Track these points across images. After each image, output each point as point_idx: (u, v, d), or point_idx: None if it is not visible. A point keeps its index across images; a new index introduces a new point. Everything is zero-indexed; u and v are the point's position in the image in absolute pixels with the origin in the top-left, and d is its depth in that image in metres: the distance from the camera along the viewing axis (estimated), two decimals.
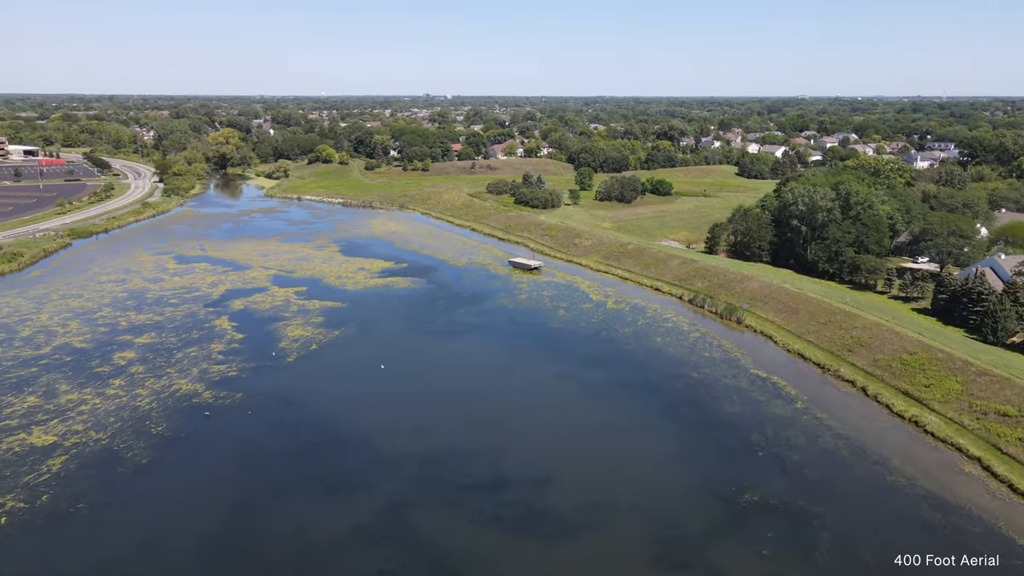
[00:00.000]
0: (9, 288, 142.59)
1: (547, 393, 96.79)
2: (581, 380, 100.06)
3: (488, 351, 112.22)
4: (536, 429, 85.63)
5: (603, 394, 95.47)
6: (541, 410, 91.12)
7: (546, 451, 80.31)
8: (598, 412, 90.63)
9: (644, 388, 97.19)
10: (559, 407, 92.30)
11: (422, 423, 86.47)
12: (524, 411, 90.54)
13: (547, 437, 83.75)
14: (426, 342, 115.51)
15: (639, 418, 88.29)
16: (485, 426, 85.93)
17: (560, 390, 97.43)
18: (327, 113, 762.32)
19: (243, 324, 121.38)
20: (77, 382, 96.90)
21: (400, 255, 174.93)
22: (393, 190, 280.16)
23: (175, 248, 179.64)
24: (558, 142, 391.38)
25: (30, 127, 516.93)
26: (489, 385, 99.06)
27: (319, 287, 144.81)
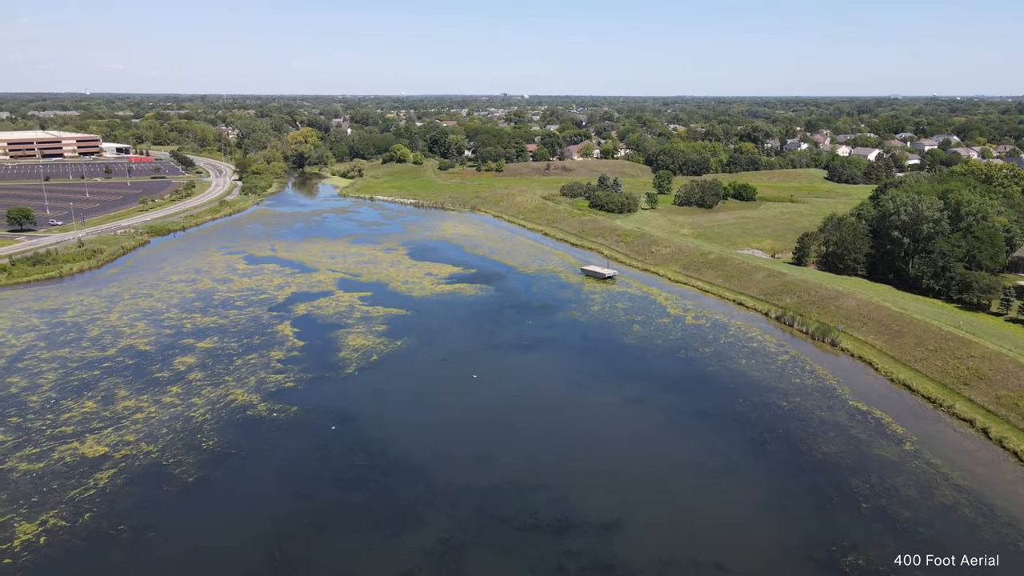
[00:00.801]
0: (85, 286, 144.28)
1: (619, 421, 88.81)
2: (657, 407, 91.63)
3: (556, 370, 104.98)
4: (606, 464, 77.87)
5: (682, 424, 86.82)
6: (612, 442, 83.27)
7: (616, 491, 72.54)
8: (676, 446, 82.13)
9: (728, 419, 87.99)
10: (632, 439, 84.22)
11: (481, 451, 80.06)
12: (593, 442, 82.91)
13: (618, 474, 75.90)
14: (490, 357, 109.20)
15: (722, 455, 79.35)
16: (550, 458, 78.81)
17: (634, 418, 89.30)
18: (404, 112, 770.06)
19: (305, 330, 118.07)
20: (136, 387, 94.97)
21: (469, 260, 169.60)
22: (465, 191, 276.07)
23: (246, 248, 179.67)
24: (636, 143, 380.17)
25: (124, 125, 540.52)
26: (556, 410, 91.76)
27: (384, 292, 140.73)
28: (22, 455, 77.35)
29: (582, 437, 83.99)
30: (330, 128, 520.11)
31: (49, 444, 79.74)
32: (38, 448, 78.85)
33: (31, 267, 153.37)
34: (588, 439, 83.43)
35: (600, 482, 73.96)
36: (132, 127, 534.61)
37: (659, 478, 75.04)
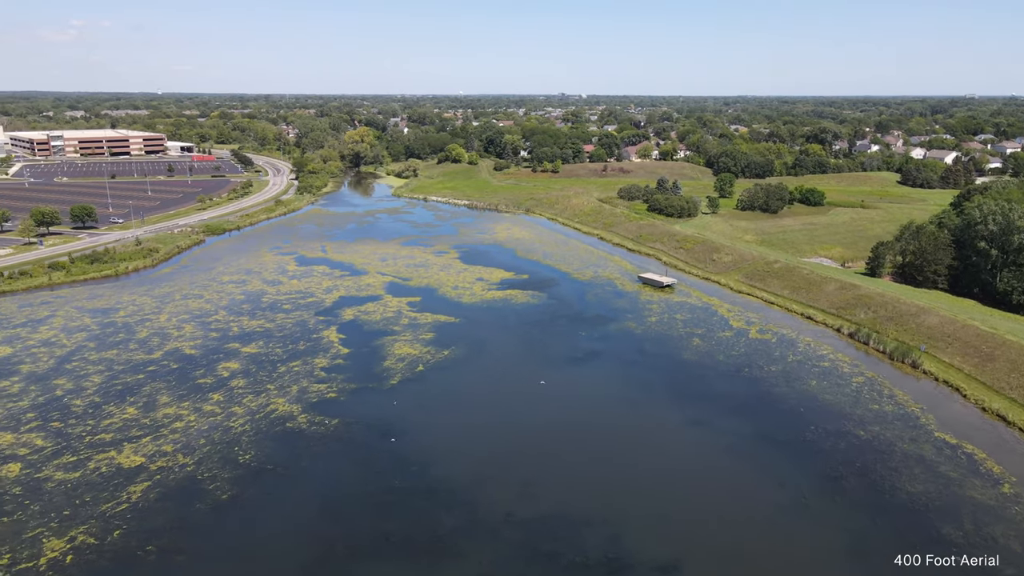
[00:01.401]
0: (139, 285, 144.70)
1: (678, 447, 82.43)
2: (719, 431, 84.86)
3: (610, 386, 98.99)
4: (663, 495, 71.78)
5: (747, 452, 79.92)
6: (670, 470, 77.04)
7: (674, 526, 66.44)
8: (740, 477, 75.37)
9: (798, 447, 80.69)
10: (692, 467, 77.79)
11: (528, 475, 74.88)
12: (649, 469, 76.83)
13: (676, 507, 69.74)
14: (541, 370, 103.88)
15: (792, 490, 72.29)
16: (602, 486, 73.11)
17: (693, 443, 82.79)
18: (461, 112, 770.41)
19: (351, 337, 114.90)
20: (178, 394, 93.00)
21: (521, 265, 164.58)
22: (520, 192, 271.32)
23: (298, 248, 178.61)
24: (696, 144, 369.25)
25: (190, 124, 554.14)
26: (609, 431, 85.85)
27: (433, 298, 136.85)
28: (60, 463, 75.65)
29: (637, 463, 77.96)
30: (387, 127, 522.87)
31: (87, 452, 77.92)
32: (76, 456, 77.08)
33: (89, 265, 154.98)
34: (643, 466, 77.35)
35: (656, 516, 67.91)
36: (197, 126, 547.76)
37: (722, 513, 68.52)
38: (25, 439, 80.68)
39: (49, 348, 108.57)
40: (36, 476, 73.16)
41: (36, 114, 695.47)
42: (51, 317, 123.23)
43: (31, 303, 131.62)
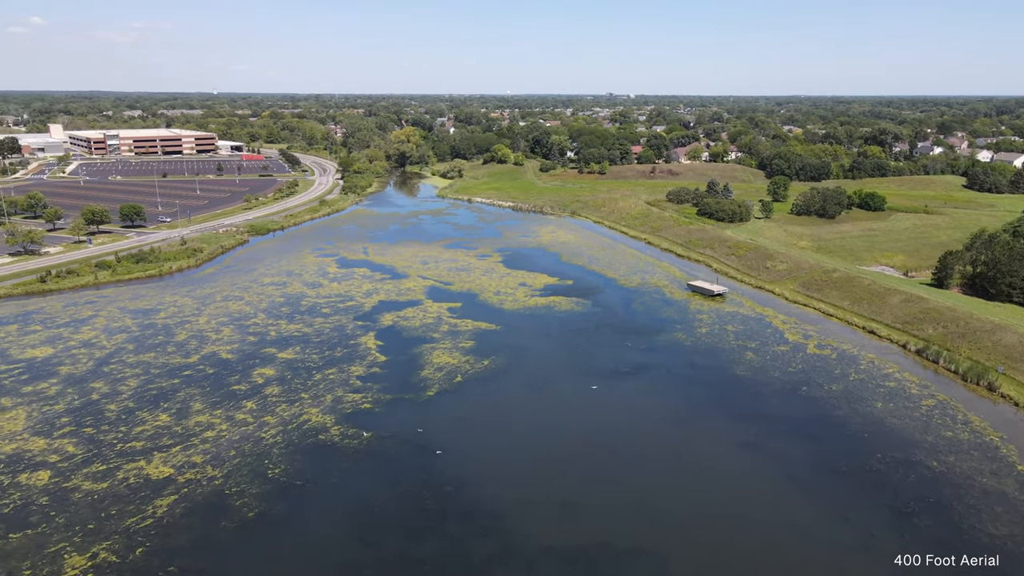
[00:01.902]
0: (181, 285, 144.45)
1: (730, 472, 76.80)
2: (775, 457, 79.02)
3: (658, 402, 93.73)
4: (714, 527, 66.47)
5: (806, 482, 73.96)
6: (722, 499, 71.57)
7: (726, 563, 61.11)
8: (799, 510, 69.53)
9: (862, 478, 74.38)
10: (745, 496, 72.16)
11: (569, 498, 70.36)
12: (700, 498, 71.55)
13: (728, 540, 64.37)
14: (584, 384, 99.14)
15: (857, 526, 66.21)
16: (648, 513, 68.15)
17: (747, 469, 77.09)
18: (508, 112, 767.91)
19: (388, 344, 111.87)
20: (211, 401, 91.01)
21: (566, 270, 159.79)
22: (566, 194, 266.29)
23: (340, 250, 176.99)
24: (748, 146, 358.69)
25: (241, 124, 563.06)
26: (656, 453, 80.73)
27: (474, 304, 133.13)
28: (88, 472, 73.96)
29: (686, 490, 72.77)
30: (433, 127, 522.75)
31: (117, 461, 76.13)
32: (105, 465, 75.33)
33: (134, 264, 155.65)
34: (693, 493, 72.11)
35: (706, 549, 62.74)
36: (248, 125, 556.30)
37: (777, 550, 62.95)
38: (57, 445, 79.39)
39: (89, 350, 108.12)
40: (64, 486, 71.51)
41: (96, 113, 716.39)
42: (94, 317, 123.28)
43: (76, 302, 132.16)
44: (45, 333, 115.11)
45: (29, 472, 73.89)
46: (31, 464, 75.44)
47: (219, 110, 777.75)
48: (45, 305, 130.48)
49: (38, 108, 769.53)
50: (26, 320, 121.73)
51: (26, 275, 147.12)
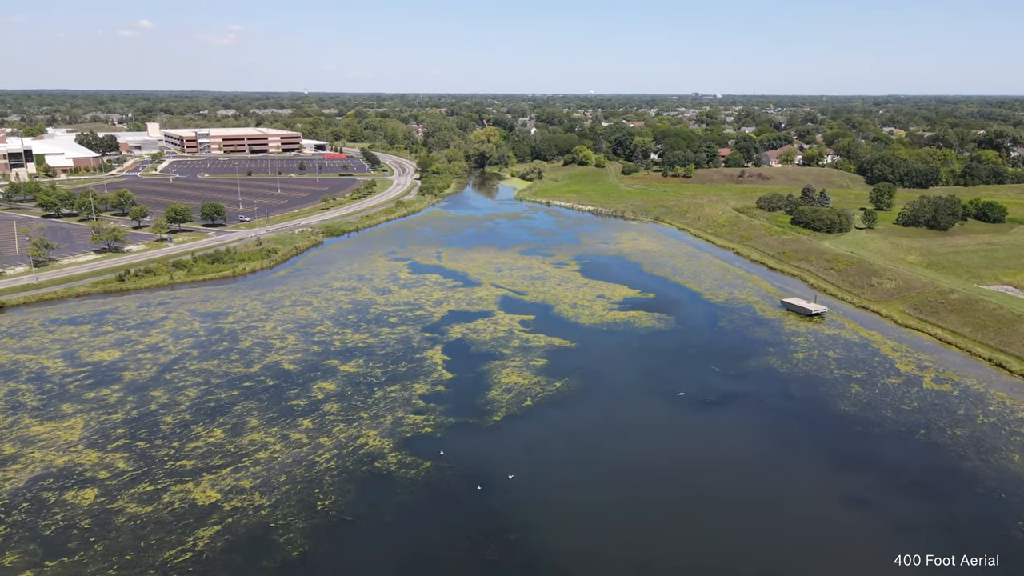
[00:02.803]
0: (252, 288, 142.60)
1: (838, 535, 66.22)
2: (891, 519, 67.90)
3: (748, 441, 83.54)
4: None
5: (933, 555, 62.65)
6: (824, 566, 61.28)
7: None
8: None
9: (1003, 554, 62.44)
10: (855, 568, 61.58)
11: (646, 556, 61.79)
12: (797, 562, 61.49)
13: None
14: (664, 413, 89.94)
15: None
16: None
17: (859, 532, 66.33)
18: (591, 112, 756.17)
19: (456, 359, 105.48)
20: (268, 416, 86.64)
21: (647, 282, 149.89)
22: (649, 199, 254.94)
23: (413, 254, 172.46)
24: (846, 149, 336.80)
25: (326, 123, 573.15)
26: (749, 503, 70.92)
27: (548, 317, 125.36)
28: (135, 493, 70.24)
29: (782, 551, 62.87)
30: (514, 127, 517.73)
31: (165, 481, 72.22)
32: (153, 485, 71.50)
33: (209, 264, 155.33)
34: (793, 559, 62.13)
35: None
36: (333, 124, 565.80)
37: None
38: (108, 460, 76.31)
39: (155, 354, 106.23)
40: (109, 507, 67.90)
41: (194, 112, 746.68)
42: (164, 319, 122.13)
43: (150, 303, 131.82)
44: (116, 335, 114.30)
45: (77, 489, 70.80)
46: (80, 480, 72.42)
47: (307, 109, 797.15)
48: (120, 305, 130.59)
49: (141, 107, 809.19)
50: (100, 320, 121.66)
51: (107, 273, 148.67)
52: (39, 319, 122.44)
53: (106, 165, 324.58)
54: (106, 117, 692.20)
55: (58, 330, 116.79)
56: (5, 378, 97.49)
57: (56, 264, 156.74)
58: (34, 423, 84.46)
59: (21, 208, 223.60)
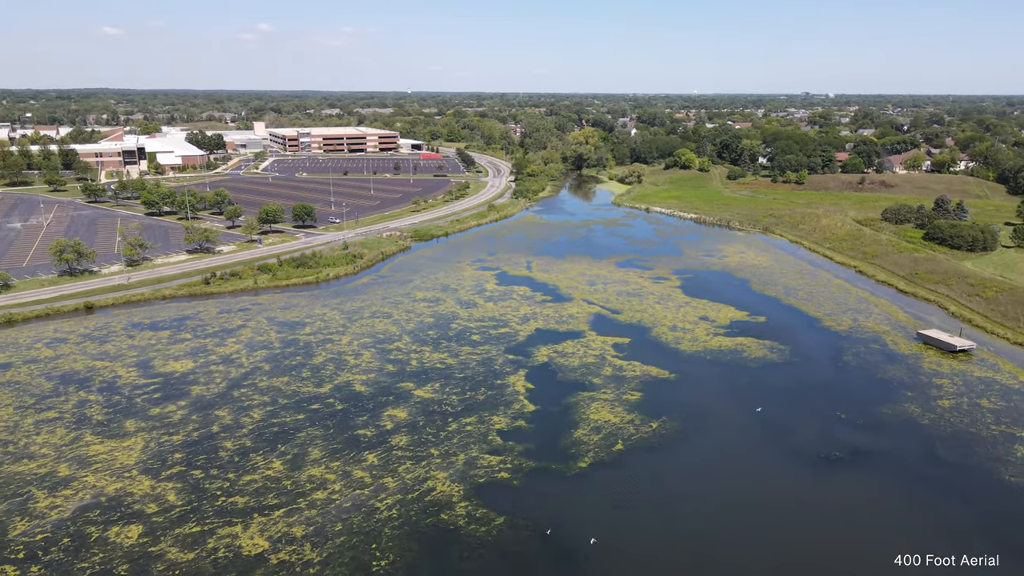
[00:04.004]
0: (333, 296, 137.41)
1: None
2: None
3: (889, 518, 69.07)
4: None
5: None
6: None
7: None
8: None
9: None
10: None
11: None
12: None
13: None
14: (779, 470, 76.61)
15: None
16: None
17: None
18: (694, 112, 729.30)
19: (540, 388, 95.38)
20: (331, 447, 79.25)
21: (756, 303, 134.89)
22: (757, 207, 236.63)
23: (501, 263, 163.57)
24: (983, 155, 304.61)
25: (425, 122, 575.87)
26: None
27: (645, 341, 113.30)
28: (180, 534, 63.86)
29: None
30: (614, 128, 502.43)
31: (213, 522, 65.59)
32: (200, 526, 64.99)
33: (294, 269, 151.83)
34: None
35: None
36: (432, 123, 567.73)
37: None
38: (160, 490, 70.63)
39: (226, 367, 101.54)
40: (150, 550, 61.70)
41: (300, 112, 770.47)
42: (242, 328, 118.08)
43: (231, 308, 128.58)
44: (192, 343, 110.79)
45: (121, 525, 65.14)
46: (127, 514, 66.82)
47: (408, 108, 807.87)
48: (202, 310, 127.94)
49: (254, 106, 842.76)
50: (180, 326, 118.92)
51: (195, 275, 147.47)
52: (123, 322, 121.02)
53: (212, 163, 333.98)
54: (220, 116, 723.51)
55: (138, 335, 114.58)
56: (79, 387, 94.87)
57: (149, 264, 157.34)
58: (95, 441, 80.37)
59: (127, 205, 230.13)
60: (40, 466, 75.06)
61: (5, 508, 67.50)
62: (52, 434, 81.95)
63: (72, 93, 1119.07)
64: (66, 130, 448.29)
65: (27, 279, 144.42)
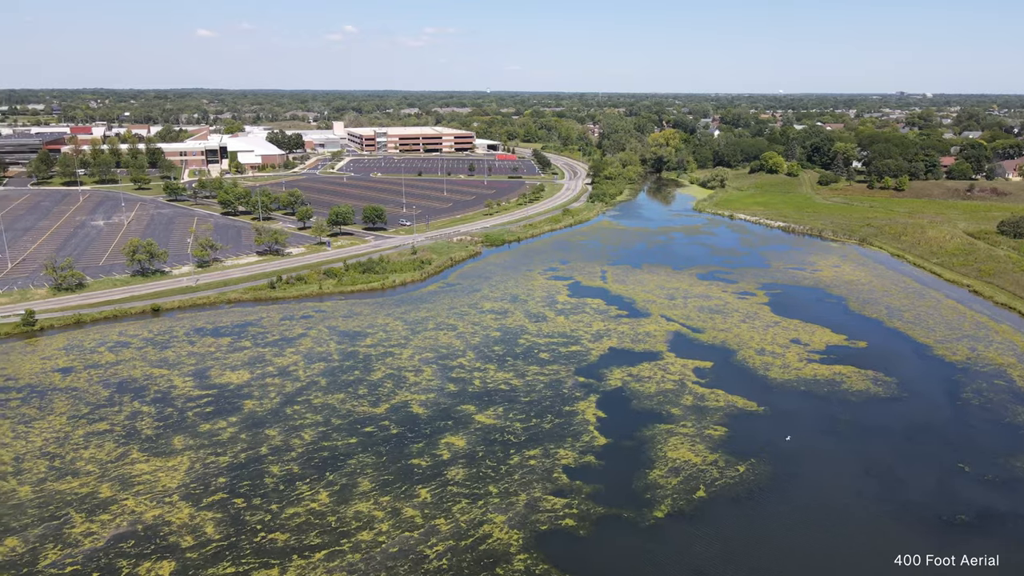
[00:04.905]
0: (398, 304, 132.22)
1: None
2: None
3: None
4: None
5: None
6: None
7: None
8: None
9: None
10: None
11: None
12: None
13: None
14: (895, 537, 65.49)
15: None
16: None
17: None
18: (780, 113, 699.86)
19: (612, 418, 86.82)
20: (382, 479, 73.01)
21: (856, 325, 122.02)
22: (852, 215, 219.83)
23: (575, 272, 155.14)
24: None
25: (501, 123, 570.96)
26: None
27: (729, 366, 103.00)
28: (213, 575, 58.58)
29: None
30: (696, 129, 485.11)
31: (249, 562, 60.14)
32: (235, 566, 59.65)
33: (360, 274, 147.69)
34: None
35: None
36: (509, 123, 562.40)
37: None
38: (199, 521, 65.81)
39: (282, 380, 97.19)
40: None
41: (380, 111, 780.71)
42: (302, 336, 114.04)
43: (293, 315, 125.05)
44: (251, 352, 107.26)
45: (154, 560, 60.47)
46: (161, 547, 62.15)
47: (486, 108, 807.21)
48: (265, 316, 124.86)
49: (336, 106, 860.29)
50: (241, 333, 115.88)
51: (261, 278, 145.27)
52: (186, 327, 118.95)
53: (290, 163, 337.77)
54: (303, 116, 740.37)
55: (199, 341, 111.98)
56: (134, 396, 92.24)
57: (219, 265, 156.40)
58: (141, 459, 76.69)
59: (205, 204, 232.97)
60: (83, 485, 71.68)
61: (40, 532, 63.99)
62: (100, 448, 78.86)
63: (169, 93, 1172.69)
64: (156, 129, 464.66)
65: (101, 278, 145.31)
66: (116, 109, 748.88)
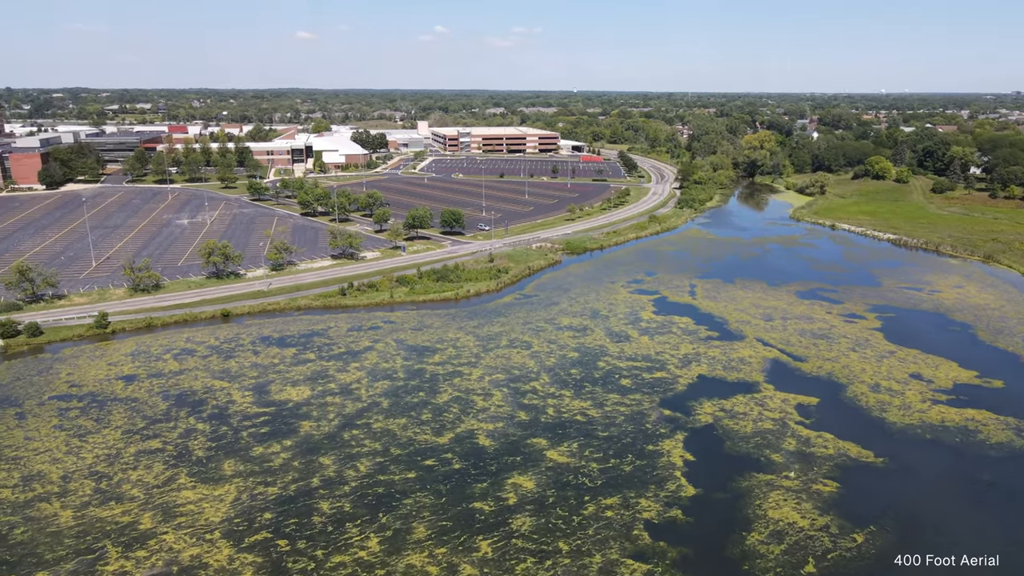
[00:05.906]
0: (470, 317, 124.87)
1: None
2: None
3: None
4: None
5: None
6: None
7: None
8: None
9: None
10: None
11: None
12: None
13: None
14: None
15: None
16: None
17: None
18: (884, 114, 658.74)
19: (702, 460, 76.41)
20: (439, 526, 65.23)
21: (988, 358, 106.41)
22: (974, 228, 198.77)
23: (660, 285, 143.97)
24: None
25: (587, 123, 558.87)
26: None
27: (838, 404, 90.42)
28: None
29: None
30: (792, 131, 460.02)
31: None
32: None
33: (433, 282, 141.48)
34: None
35: None
36: (595, 124, 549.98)
37: None
38: (236, 565, 59.80)
39: (343, 399, 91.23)
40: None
41: (466, 111, 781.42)
42: (369, 350, 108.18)
43: (361, 326, 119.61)
44: (314, 366, 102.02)
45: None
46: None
47: (572, 108, 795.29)
48: (333, 325, 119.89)
49: (424, 105, 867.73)
50: (307, 343, 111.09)
51: (333, 283, 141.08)
52: (253, 335, 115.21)
53: (372, 162, 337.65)
54: (390, 115, 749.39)
55: (264, 352, 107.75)
56: (191, 410, 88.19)
57: (292, 269, 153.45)
58: (187, 484, 71.73)
59: (286, 204, 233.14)
60: (125, 512, 67.09)
61: (72, 568, 59.36)
62: (149, 470, 74.47)
63: (266, 93, 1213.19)
64: (248, 128, 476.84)
65: (178, 279, 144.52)
66: (216, 108, 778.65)
